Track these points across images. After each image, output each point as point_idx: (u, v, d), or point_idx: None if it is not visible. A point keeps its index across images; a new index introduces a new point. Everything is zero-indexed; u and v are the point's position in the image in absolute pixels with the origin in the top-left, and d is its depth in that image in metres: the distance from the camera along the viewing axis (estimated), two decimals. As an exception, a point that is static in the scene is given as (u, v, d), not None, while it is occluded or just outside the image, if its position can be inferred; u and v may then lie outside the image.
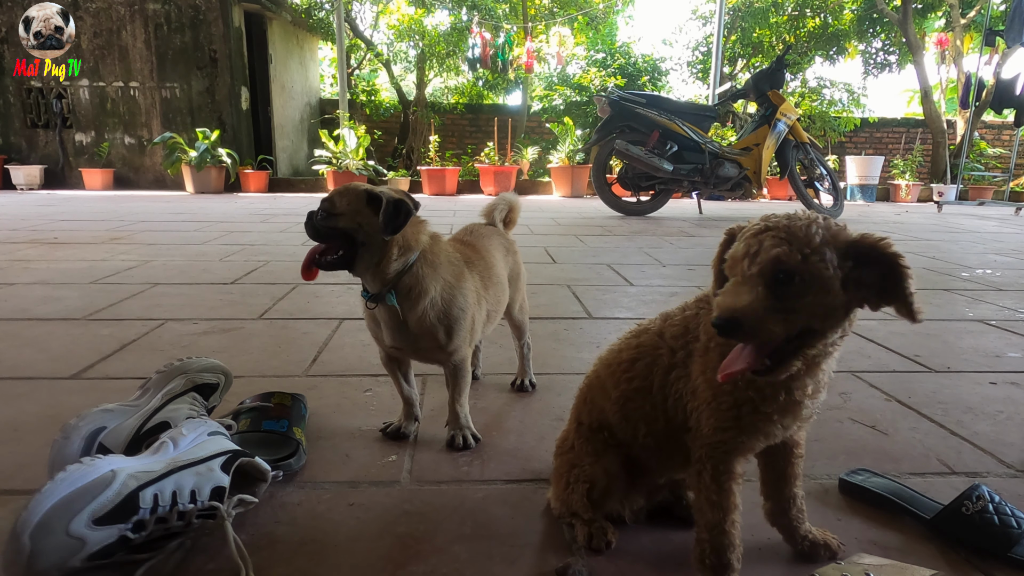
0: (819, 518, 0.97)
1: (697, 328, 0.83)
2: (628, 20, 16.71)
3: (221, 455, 0.93)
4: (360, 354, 1.75)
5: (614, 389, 0.91)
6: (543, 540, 0.93)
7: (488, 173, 9.07)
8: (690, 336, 0.84)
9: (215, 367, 1.23)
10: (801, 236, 0.68)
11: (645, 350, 0.88)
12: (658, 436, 0.88)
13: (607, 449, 0.93)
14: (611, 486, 0.92)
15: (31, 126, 9.43)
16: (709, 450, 0.79)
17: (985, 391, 1.56)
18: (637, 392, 0.88)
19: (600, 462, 0.92)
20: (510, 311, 1.47)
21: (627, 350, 0.91)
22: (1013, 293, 2.78)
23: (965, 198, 9.41)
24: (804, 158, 5.93)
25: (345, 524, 0.96)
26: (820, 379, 0.77)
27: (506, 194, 1.54)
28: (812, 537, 0.89)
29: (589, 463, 0.93)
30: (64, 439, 1.00)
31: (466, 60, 10.90)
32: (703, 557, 0.80)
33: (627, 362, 0.90)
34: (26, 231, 4.26)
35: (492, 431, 1.29)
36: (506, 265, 1.41)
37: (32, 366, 1.62)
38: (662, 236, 4.56)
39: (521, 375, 1.54)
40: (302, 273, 1.13)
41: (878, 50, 12.14)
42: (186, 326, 2.01)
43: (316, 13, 10.86)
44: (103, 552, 0.80)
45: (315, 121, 12.10)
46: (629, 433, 0.91)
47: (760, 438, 0.80)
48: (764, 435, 0.80)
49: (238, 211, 5.98)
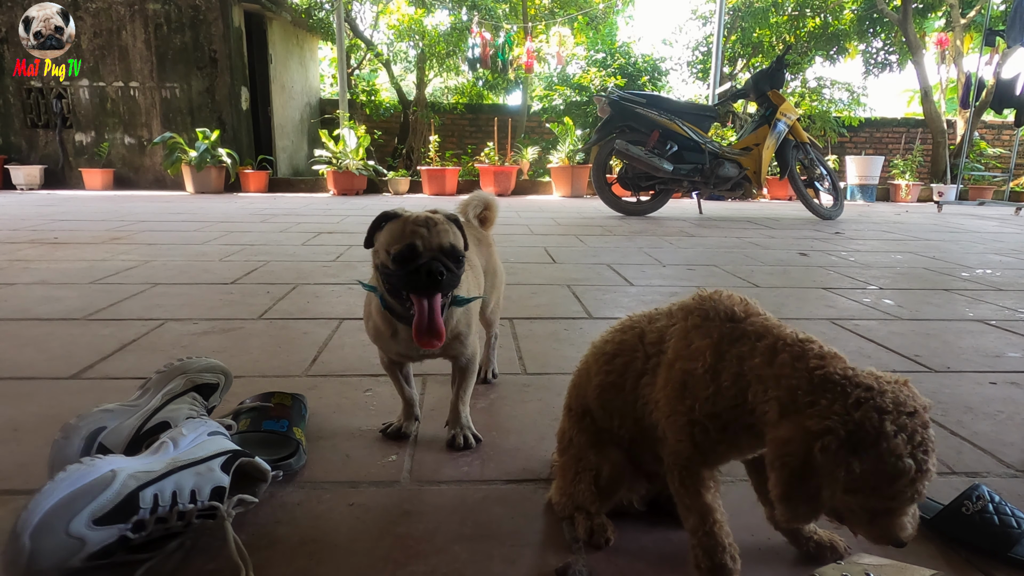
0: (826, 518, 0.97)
1: (670, 340, 0.83)
2: (628, 20, 16.73)
3: (221, 455, 0.93)
4: (360, 354, 1.75)
5: (595, 376, 0.92)
6: (543, 540, 0.93)
7: (488, 173, 9.07)
8: (663, 346, 0.84)
9: (215, 367, 1.23)
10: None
11: (625, 348, 0.89)
12: (631, 431, 0.89)
13: (604, 440, 0.93)
14: (617, 474, 0.92)
15: (31, 126, 9.43)
16: (673, 458, 0.80)
17: (985, 391, 1.56)
18: (613, 386, 0.89)
19: (600, 452, 0.93)
20: (483, 310, 1.43)
21: (611, 343, 0.92)
22: (1013, 293, 2.78)
23: (965, 198, 9.41)
24: (804, 158, 5.94)
25: (345, 524, 0.96)
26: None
27: (481, 192, 1.52)
28: (817, 538, 0.88)
29: (594, 453, 0.93)
30: (64, 439, 1.00)
31: (466, 60, 10.89)
32: (697, 561, 0.80)
33: (608, 355, 0.91)
34: (26, 231, 4.26)
35: (492, 431, 1.29)
36: (480, 255, 1.39)
37: (32, 366, 1.62)
38: (662, 236, 4.56)
39: (485, 365, 1.55)
40: (433, 341, 1.01)
41: (878, 50, 12.14)
42: (186, 326, 2.01)
43: (316, 13, 10.86)
44: (103, 552, 0.80)
45: (315, 121, 12.10)
46: (607, 422, 0.92)
47: (719, 458, 0.81)
48: (723, 456, 0.80)
49: (238, 211, 5.98)
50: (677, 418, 0.78)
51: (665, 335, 0.85)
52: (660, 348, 0.84)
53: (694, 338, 0.79)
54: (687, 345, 0.80)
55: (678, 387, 0.78)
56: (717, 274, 3.09)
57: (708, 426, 0.76)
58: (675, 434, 0.79)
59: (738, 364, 0.74)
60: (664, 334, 0.85)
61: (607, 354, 0.91)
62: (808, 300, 2.56)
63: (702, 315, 0.81)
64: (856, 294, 2.69)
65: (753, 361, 0.73)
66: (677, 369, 0.79)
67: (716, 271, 3.18)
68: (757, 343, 0.75)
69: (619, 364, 0.89)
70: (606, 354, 0.91)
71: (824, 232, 5.03)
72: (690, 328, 0.81)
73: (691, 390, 0.77)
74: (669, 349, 0.82)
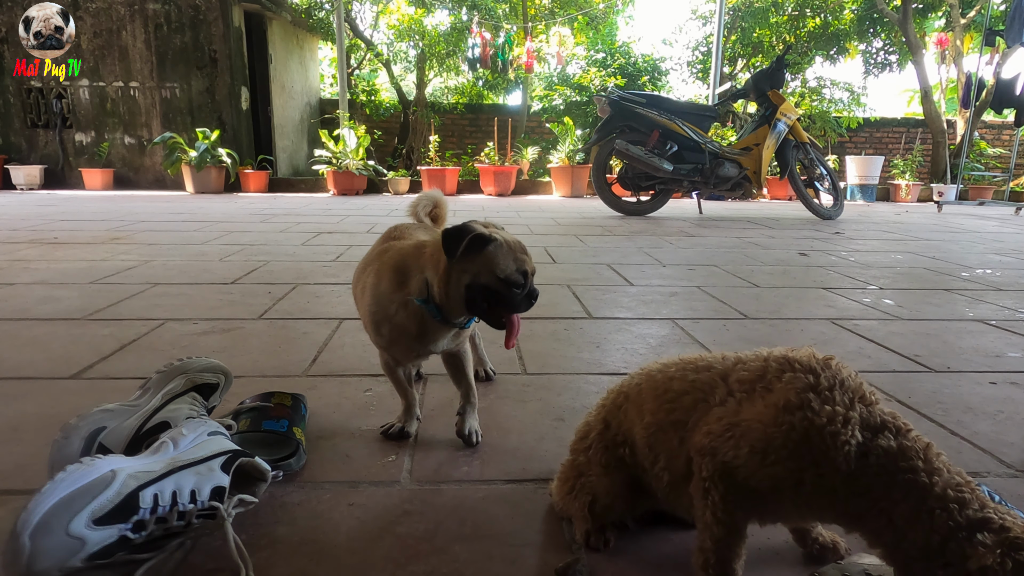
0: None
1: (772, 380, 0.77)
2: (628, 20, 16.70)
3: (221, 455, 0.93)
4: (360, 354, 1.75)
5: (650, 414, 0.86)
6: (543, 540, 0.93)
7: (488, 173, 9.07)
8: (761, 384, 0.78)
9: (215, 367, 1.23)
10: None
11: (699, 387, 0.83)
12: (674, 473, 0.84)
13: (620, 467, 0.90)
14: (614, 504, 0.91)
15: (31, 126, 9.43)
16: (723, 471, 0.76)
17: (985, 391, 1.56)
18: (672, 424, 0.84)
19: (608, 477, 0.90)
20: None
21: (680, 381, 0.85)
22: (1013, 293, 2.78)
23: (965, 198, 9.41)
24: (804, 158, 5.94)
25: (345, 524, 0.96)
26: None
27: (429, 191, 1.56)
28: (822, 540, 0.89)
29: (596, 475, 0.91)
30: (64, 439, 1.00)
31: (466, 60, 10.89)
32: (707, 566, 0.78)
33: (675, 393, 0.84)
34: (26, 231, 4.26)
35: (492, 431, 1.29)
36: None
37: (32, 366, 1.62)
38: (662, 236, 4.56)
39: (478, 365, 1.58)
40: (513, 342, 1.13)
41: (878, 50, 12.14)
42: (186, 326, 2.01)
43: (316, 13, 10.87)
44: (103, 552, 0.80)
45: (315, 121, 12.10)
46: (648, 460, 0.87)
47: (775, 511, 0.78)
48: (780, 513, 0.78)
49: (238, 211, 5.98)
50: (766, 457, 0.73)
51: (768, 375, 0.78)
52: (754, 385, 0.78)
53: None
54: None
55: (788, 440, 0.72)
56: (717, 274, 3.09)
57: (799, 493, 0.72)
58: (742, 458, 0.74)
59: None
60: (767, 374, 0.78)
61: (674, 391, 0.85)
62: (808, 300, 2.56)
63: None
64: (856, 294, 2.69)
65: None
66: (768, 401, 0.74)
67: (716, 271, 3.18)
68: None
69: (688, 402, 0.83)
70: (672, 391, 0.85)
71: (824, 232, 5.03)
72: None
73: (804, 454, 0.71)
74: (776, 384, 0.76)
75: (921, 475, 0.67)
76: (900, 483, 0.68)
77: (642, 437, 0.87)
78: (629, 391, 0.92)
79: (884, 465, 0.68)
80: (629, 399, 0.91)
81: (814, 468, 0.70)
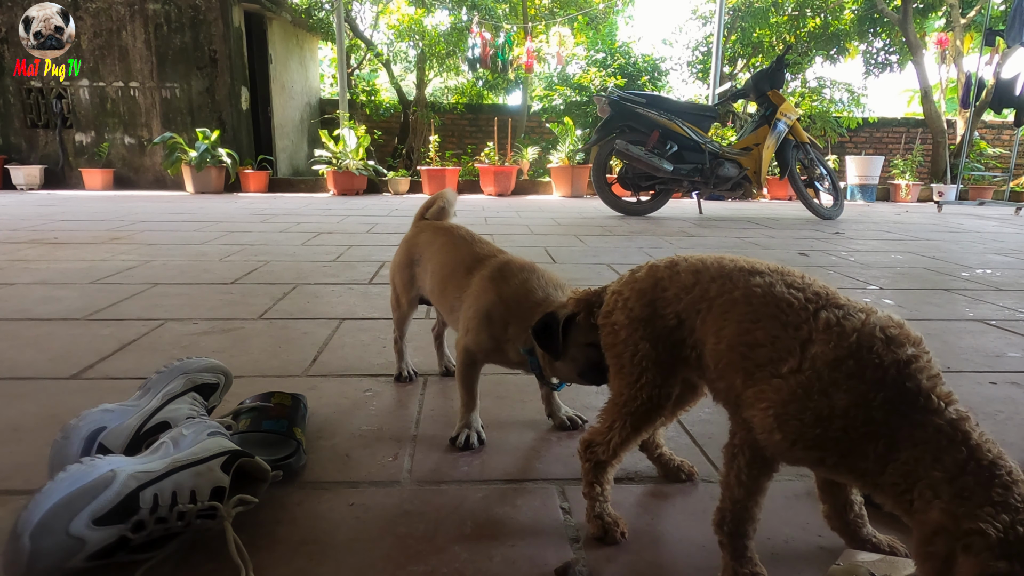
0: (818, 517, 0.97)
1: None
2: (628, 20, 16.71)
3: (221, 455, 0.93)
4: (360, 354, 1.75)
5: (725, 343, 0.80)
6: (543, 540, 0.93)
7: (488, 173, 9.07)
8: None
9: (215, 367, 1.23)
10: None
11: (778, 347, 0.76)
12: (728, 396, 0.82)
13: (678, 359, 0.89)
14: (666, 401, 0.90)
15: (31, 126, 9.43)
16: (750, 439, 0.77)
17: (985, 391, 1.56)
18: (743, 369, 0.78)
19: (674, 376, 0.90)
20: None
21: (767, 327, 0.77)
22: (1013, 293, 2.78)
23: (965, 198, 9.41)
24: (804, 158, 5.94)
25: (345, 524, 0.96)
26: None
27: (443, 191, 1.58)
28: (876, 541, 0.88)
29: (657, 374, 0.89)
30: (64, 439, 1.00)
31: (466, 60, 10.90)
32: (722, 523, 0.82)
33: (755, 341, 0.77)
34: (26, 231, 4.26)
35: (492, 431, 1.29)
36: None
37: (32, 366, 1.62)
38: (662, 236, 4.56)
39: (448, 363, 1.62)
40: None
41: (879, 50, 12.14)
42: (186, 326, 2.01)
43: (316, 13, 10.87)
44: (103, 552, 0.80)
45: (315, 121, 12.10)
46: (712, 374, 0.84)
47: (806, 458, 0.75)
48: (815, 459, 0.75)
49: (238, 211, 5.98)
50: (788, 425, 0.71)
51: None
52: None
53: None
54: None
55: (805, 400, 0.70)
56: (717, 274, 3.09)
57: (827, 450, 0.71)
58: (773, 430, 0.72)
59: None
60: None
61: (753, 339, 0.77)
62: (808, 300, 2.55)
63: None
64: (856, 294, 2.68)
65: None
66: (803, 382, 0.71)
67: (716, 271, 3.17)
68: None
69: (761, 357, 0.76)
70: (752, 336, 0.77)
71: (824, 232, 5.03)
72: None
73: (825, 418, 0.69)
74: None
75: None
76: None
77: (712, 353, 0.82)
78: (717, 295, 0.82)
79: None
80: (712, 308, 0.82)
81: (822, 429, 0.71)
